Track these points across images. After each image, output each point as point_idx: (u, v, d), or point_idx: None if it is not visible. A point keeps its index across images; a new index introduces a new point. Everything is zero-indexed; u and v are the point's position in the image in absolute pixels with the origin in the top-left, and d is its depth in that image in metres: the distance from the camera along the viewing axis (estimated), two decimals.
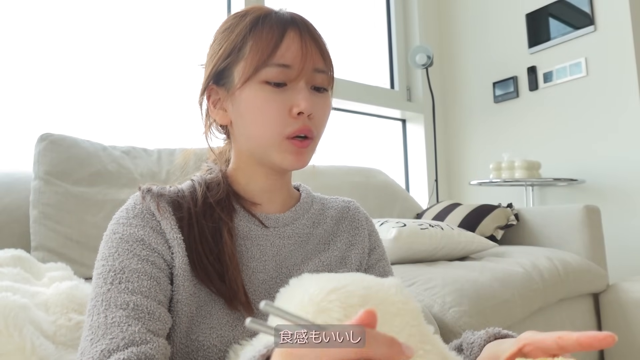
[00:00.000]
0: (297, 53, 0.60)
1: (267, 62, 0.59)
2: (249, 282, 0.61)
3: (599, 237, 1.77)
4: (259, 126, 0.61)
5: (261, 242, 0.64)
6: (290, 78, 0.60)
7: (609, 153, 2.27)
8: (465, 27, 2.96)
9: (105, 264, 0.55)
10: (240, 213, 0.65)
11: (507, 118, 2.67)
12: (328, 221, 0.73)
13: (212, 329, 0.56)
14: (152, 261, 0.56)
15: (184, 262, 0.57)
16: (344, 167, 2.00)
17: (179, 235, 0.58)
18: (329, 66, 0.64)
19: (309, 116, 0.61)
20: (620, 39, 2.24)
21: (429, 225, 1.51)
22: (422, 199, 2.71)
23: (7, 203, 1.11)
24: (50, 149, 1.17)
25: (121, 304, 0.52)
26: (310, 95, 0.61)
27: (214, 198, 0.63)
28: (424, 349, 0.43)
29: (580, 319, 1.61)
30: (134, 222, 0.58)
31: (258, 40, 0.60)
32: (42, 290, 0.77)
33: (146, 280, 0.54)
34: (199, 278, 0.57)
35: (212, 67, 0.65)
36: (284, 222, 0.67)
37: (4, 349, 0.58)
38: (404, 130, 2.98)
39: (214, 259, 0.58)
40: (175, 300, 0.56)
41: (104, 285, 0.53)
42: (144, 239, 0.57)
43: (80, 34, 1.69)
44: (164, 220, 0.58)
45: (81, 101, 1.66)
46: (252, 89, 0.61)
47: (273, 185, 0.68)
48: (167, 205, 0.60)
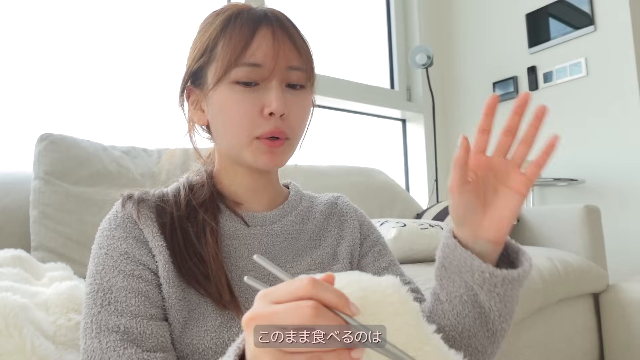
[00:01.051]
0: (269, 51, 0.58)
1: (237, 61, 0.58)
2: (238, 281, 0.60)
3: (599, 237, 1.77)
4: (230, 127, 0.60)
5: (248, 240, 0.64)
6: (262, 77, 0.59)
7: (608, 153, 2.27)
8: (465, 27, 2.96)
9: (93, 282, 0.56)
10: (225, 213, 0.65)
11: (507, 118, 2.66)
12: (317, 216, 0.71)
13: (206, 331, 0.56)
14: (138, 275, 0.56)
15: (168, 269, 0.57)
16: (344, 167, 2.00)
17: (162, 242, 0.58)
18: (305, 62, 0.62)
19: (282, 116, 0.59)
20: (620, 39, 2.24)
21: (429, 225, 1.51)
22: (422, 199, 2.71)
23: (7, 203, 1.11)
24: (50, 149, 1.17)
25: (112, 327, 0.52)
26: (283, 95, 0.59)
27: (197, 200, 0.63)
28: (423, 349, 0.43)
29: (580, 319, 1.61)
30: (116, 234, 0.58)
31: (229, 40, 0.59)
32: (42, 290, 0.77)
33: (134, 298, 0.55)
34: (185, 281, 0.57)
35: (188, 67, 0.64)
36: (271, 219, 0.66)
37: (4, 349, 0.58)
38: (404, 130, 2.97)
39: (198, 261, 0.58)
40: (167, 307, 0.57)
41: (94, 307, 0.54)
42: (128, 251, 0.57)
43: (80, 34, 1.69)
44: (146, 228, 0.58)
45: (81, 101, 1.66)
46: (223, 89, 0.60)
47: (256, 183, 0.67)
48: (150, 211, 0.60)
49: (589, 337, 1.64)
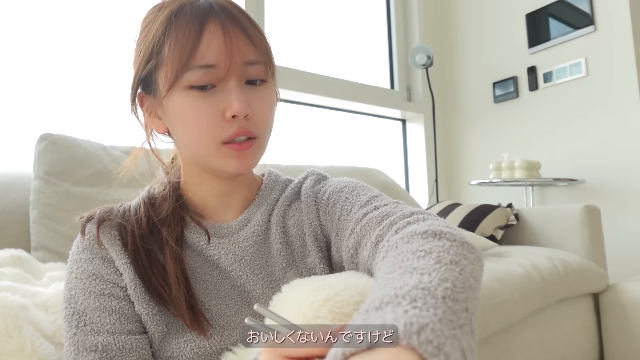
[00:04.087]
0: (221, 49, 0.53)
1: (188, 65, 0.52)
2: (214, 292, 0.59)
3: (599, 237, 1.77)
4: (192, 135, 0.55)
5: (214, 252, 0.60)
6: (218, 78, 0.53)
7: (609, 153, 2.27)
8: (465, 27, 2.96)
9: (68, 306, 0.56)
10: (191, 225, 0.61)
11: (507, 118, 2.67)
12: (281, 206, 0.65)
13: (185, 342, 0.55)
14: (109, 293, 0.56)
15: (135, 285, 0.56)
16: (344, 167, 2.00)
17: (126, 260, 0.57)
18: (263, 55, 0.56)
19: (246, 117, 0.55)
20: (620, 39, 2.24)
21: None
22: (422, 199, 2.71)
23: (7, 203, 1.11)
24: (51, 149, 1.17)
25: (90, 346, 0.52)
26: (243, 94, 0.54)
27: (159, 217, 0.60)
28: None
29: (580, 319, 1.61)
30: (83, 257, 0.58)
31: (175, 41, 0.53)
32: (42, 290, 0.77)
33: (107, 316, 0.54)
34: (154, 300, 0.56)
35: (136, 72, 0.58)
36: (237, 227, 0.62)
37: (4, 349, 0.58)
38: (404, 130, 2.97)
39: (162, 280, 0.56)
40: (143, 321, 0.56)
41: (70, 330, 0.54)
42: (95, 272, 0.56)
43: (80, 34, 1.69)
44: (110, 247, 0.57)
45: (81, 101, 1.66)
46: (178, 96, 0.54)
47: (225, 189, 0.63)
48: (112, 229, 0.59)
49: (589, 337, 1.64)
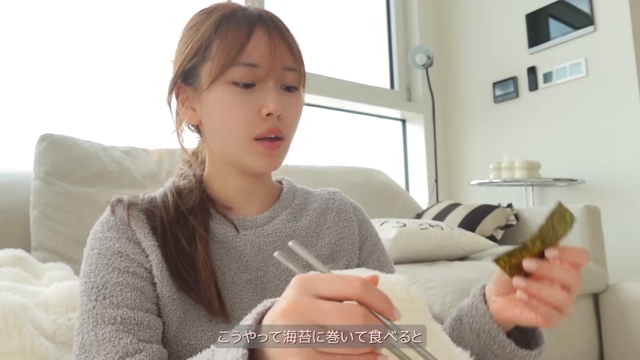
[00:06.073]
0: (265, 51, 0.58)
1: (234, 61, 0.57)
2: (231, 285, 0.60)
3: (599, 237, 1.77)
4: (227, 128, 0.60)
5: (240, 243, 0.63)
6: (259, 78, 0.58)
7: (608, 153, 2.27)
8: (465, 27, 2.96)
9: (87, 280, 0.56)
10: (216, 217, 0.64)
11: (507, 118, 2.67)
12: (311, 213, 0.70)
13: (202, 331, 0.56)
14: (133, 272, 0.56)
15: (162, 268, 0.57)
16: (343, 167, 2.00)
17: (154, 242, 0.58)
18: (299, 64, 0.62)
19: (279, 117, 0.59)
20: (620, 39, 2.24)
21: (429, 225, 1.51)
22: (422, 199, 2.71)
23: (7, 203, 1.11)
24: (51, 149, 1.17)
25: (109, 319, 0.52)
26: (279, 95, 0.59)
27: (186, 206, 0.62)
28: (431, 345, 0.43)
29: (580, 319, 1.61)
30: (109, 235, 0.58)
31: (224, 40, 0.58)
32: (42, 290, 0.77)
33: (129, 292, 0.54)
34: (177, 285, 0.57)
35: (179, 65, 0.63)
36: (262, 221, 0.65)
37: (4, 348, 0.58)
38: (403, 131, 2.97)
39: (188, 266, 0.57)
40: (161, 305, 0.56)
41: (89, 303, 0.54)
42: (121, 250, 0.57)
43: (80, 34, 1.69)
44: (138, 229, 0.58)
45: (81, 101, 1.66)
46: (219, 90, 0.59)
47: (249, 186, 0.66)
48: (141, 213, 0.60)
49: (588, 338, 1.64)
